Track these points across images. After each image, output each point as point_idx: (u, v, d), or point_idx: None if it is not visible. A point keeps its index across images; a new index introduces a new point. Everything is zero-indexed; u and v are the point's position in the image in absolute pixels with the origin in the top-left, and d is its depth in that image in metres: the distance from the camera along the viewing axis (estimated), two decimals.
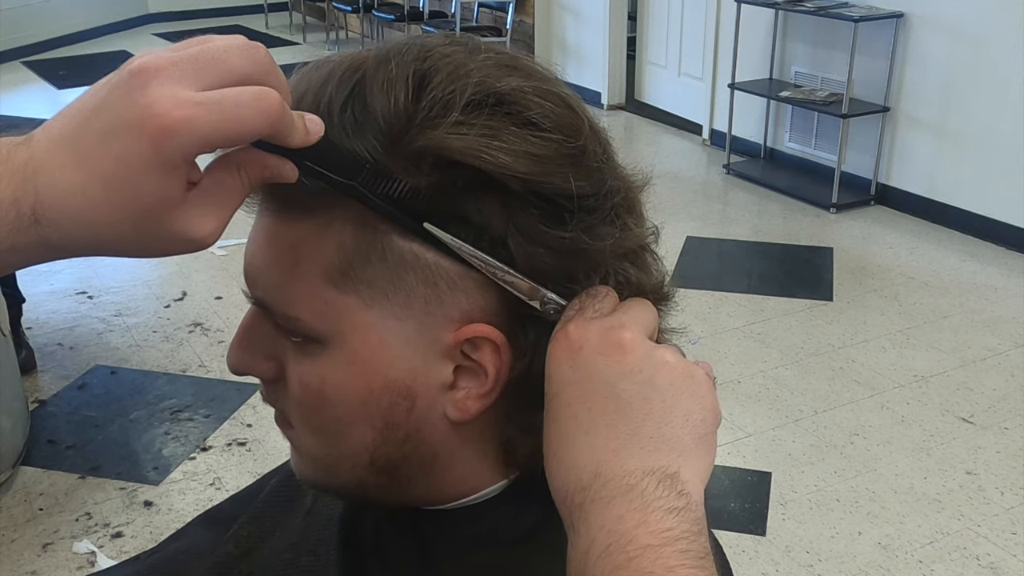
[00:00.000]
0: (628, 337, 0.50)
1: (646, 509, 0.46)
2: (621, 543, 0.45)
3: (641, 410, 0.49)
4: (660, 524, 0.46)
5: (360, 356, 0.52)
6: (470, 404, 0.54)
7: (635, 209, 0.56)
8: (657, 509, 0.46)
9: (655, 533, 0.45)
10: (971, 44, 4.14)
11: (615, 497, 0.47)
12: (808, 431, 2.88)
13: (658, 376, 0.50)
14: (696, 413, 0.50)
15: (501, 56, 0.54)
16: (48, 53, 8.14)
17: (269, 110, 0.43)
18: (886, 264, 4.05)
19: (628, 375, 0.49)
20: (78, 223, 0.42)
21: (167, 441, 2.85)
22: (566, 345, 0.50)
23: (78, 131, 0.42)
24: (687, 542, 0.46)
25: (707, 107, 5.60)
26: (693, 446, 0.49)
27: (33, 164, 0.42)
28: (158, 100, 0.41)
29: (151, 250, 0.44)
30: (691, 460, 0.49)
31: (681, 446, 0.49)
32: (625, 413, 0.49)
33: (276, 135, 0.44)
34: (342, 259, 0.51)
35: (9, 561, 2.37)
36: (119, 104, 0.41)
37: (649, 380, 0.49)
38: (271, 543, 0.67)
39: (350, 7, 7.84)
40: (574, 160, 0.52)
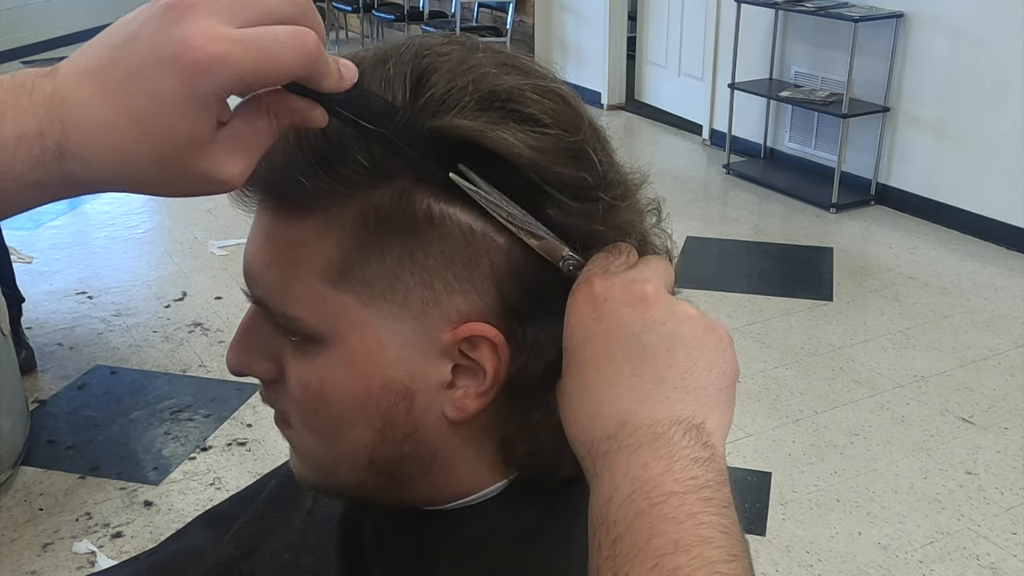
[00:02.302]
0: (651, 290, 0.50)
1: (672, 458, 0.46)
2: (645, 490, 0.45)
3: (666, 360, 0.49)
4: (685, 472, 0.46)
5: (358, 356, 0.52)
6: (468, 403, 0.54)
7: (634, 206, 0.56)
8: (683, 458, 0.46)
9: (680, 481, 0.46)
10: (971, 44, 4.14)
11: (641, 445, 0.47)
12: (808, 431, 2.88)
13: (682, 328, 0.50)
14: (719, 365, 0.50)
15: (500, 55, 0.54)
16: (48, 53, 8.13)
17: (306, 50, 0.42)
18: (886, 264, 4.05)
19: (653, 326, 0.49)
20: (106, 157, 0.41)
21: (167, 441, 2.85)
22: (590, 297, 0.51)
23: (108, 64, 0.41)
24: (711, 491, 0.46)
25: (707, 107, 5.60)
26: (716, 397, 0.50)
27: (60, 96, 0.41)
28: (194, 34, 0.39)
29: (176, 188, 0.43)
30: (714, 411, 0.49)
31: (705, 396, 0.49)
32: (650, 362, 0.49)
33: (311, 77, 0.43)
34: (341, 259, 0.51)
35: (9, 561, 2.37)
36: (153, 37, 0.40)
37: (673, 331, 0.50)
38: (271, 544, 0.67)
39: (350, 7, 7.84)
40: (574, 154, 0.52)
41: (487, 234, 0.51)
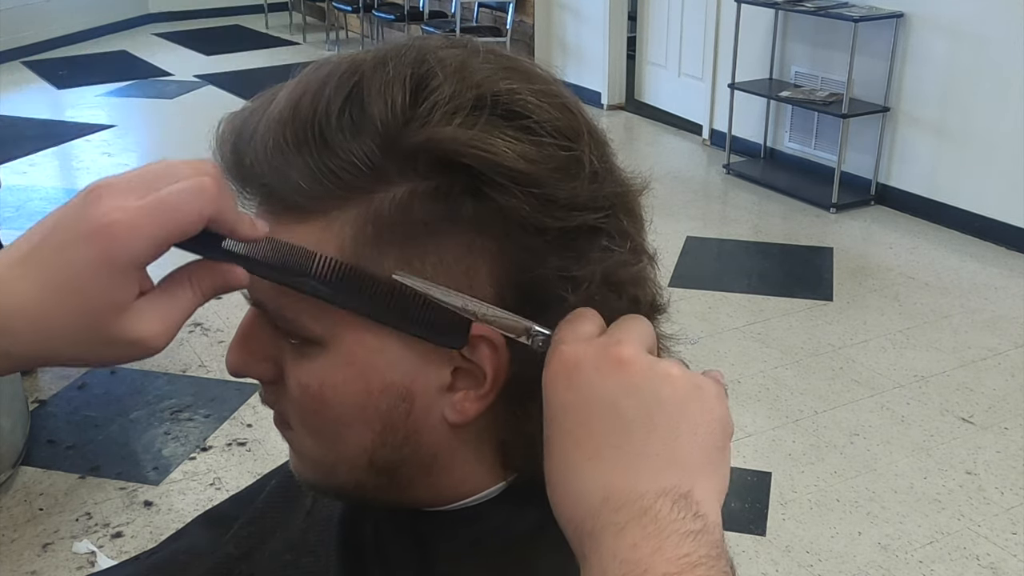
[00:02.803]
0: (628, 352, 0.48)
1: (661, 535, 0.44)
2: (636, 572, 0.43)
3: (645, 427, 0.46)
4: (677, 550, 0.43)
5: (358, 358, 0.52)
6: (468, 406, 0.53)
7: (634, 212, 0.56)
8: (673, 533, 0.44)
9: (672, 560, 0.43)
10: (971, 44, 4.14)
11: (628, 523, 0.44)
12: (808, 431, 2.88)
13: (662, 390, 0.47)
14: (703, 426, 0.47)
15: (501, 59, 0.54)
16: (48, 53, 8.13)
17: (204, 190, 0.46)
18: (886, 264, 4.05)
19: (630, 391, 0.47)
20: (32, 329, 0.45)
21: (167, 441, 2.85)
22: (561, 367, 0.48)
23: (37, 245, 0.46)
24: (705, 568, 0.43)
25: (707, 107, 5.60)
26: (703, 461, 0.47)
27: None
28: (108, 211, 0.44)
29: (102, 354, 0.47)
30: (703, 477, 0.46)
31: (691, 462, 0.46)
32: (630, 432, 0.46)
33: (219, 219, 0.47)
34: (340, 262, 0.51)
35: (9, 561, 2.37)
36: (73, 219, 0.45)
37: (653, 395, 0.47)
38: (271, 544, 0.67)
39: (350, 7, 7.84)
40: (568, 167, 0.51)
41: (485, 240, 0.51)
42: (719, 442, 0.48)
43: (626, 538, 0.44)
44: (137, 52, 8.30)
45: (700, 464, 0.47)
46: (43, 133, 5.96)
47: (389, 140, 0.50)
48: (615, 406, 0.47)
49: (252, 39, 8.82)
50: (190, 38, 8.83)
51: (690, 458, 0.47)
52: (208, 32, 9.17)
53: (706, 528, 0.45)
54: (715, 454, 0.48)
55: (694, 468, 0.46)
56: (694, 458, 0.47)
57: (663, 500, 0.45)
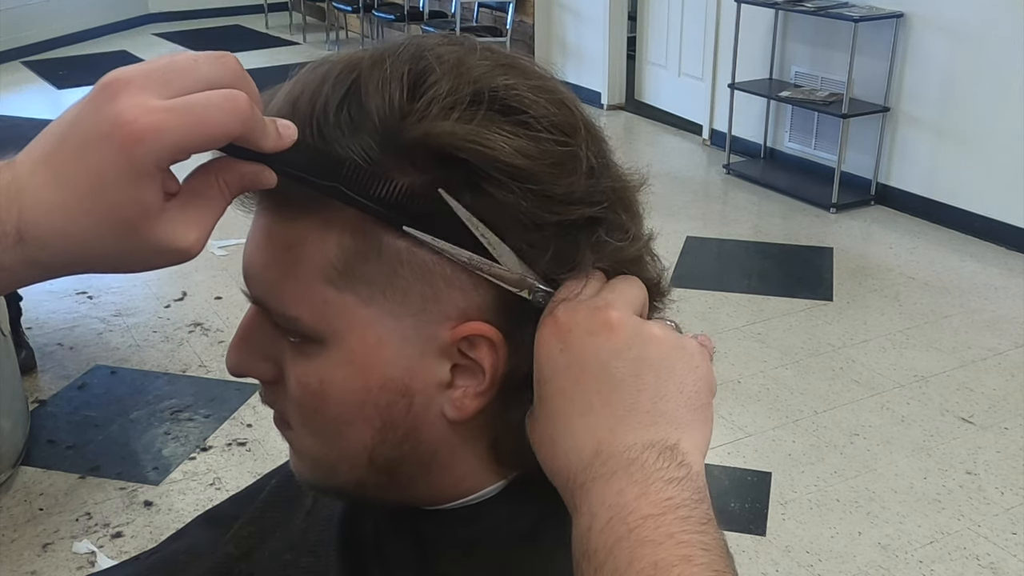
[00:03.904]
0: (615, 316, 0.50)
1: (646, 481, 0.47)
2: (622, 515, 0.46)
3: (634, 386, 0.49)
4: (660, 494, 0.46)
5: (358, 355, 0.53)
6: (467, 403, 0.54)
7: (632, 207, 0.56)
8: (657, 480, 0.47)
9: (655, 503, 0.46)
10: (971, 44, 4.14)
11: (616, 472, 0.47)
12: (808, 431, 2.88)
13: (648, 350, 0.50)
14: (690, 384, 0.50)
15: (498, 55, 0.54)
16: (48, 53, 8.13)
17: (238, 110, 0.43)
18: (886, 264, 4.05)
19: (618, 352, 0.50)
20: (62, 238, 0.43)
21: (167, 441, 2.85)
22: (555, 329, 0.51)
23: (56, 149, 0.43)
24: (688, 509, 0.46)
25: (707, 107, 5.60)
26: (690, 417, 0.50)
27: (16, 185, 0.43)
28: (127, 109, 0.41)
29: (136, 262, 0.45)
30: (689, 431, 0.49)
31: (678, 418, 0.49)
32: (619, 390, 0.49)
33: (247, 136, 0.44)
34: (340, 257, 0.51)
35: (9, 561, 2.37)
36: (91, 118, 0.42)
37: (639, 355, 0.50)
38: (271, 543, 0.67)
39: (350, 7, 7.84)
40: (565, 163, 0.51)
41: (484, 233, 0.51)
42: (703, 399, 0.51)
43: (614, 485, 0.47)
44: (137, 52, 8.30)
45: (686, 419, 0.50)
46: None
47: (387, 136, 0.50)
48: (605, 366, 0.49)
49: (252, 39, 8.82)
50: (190, 38, 8.83)
51: (676, 413, 0.49)
52: (208, 32, 9.17)
53: (689, 476, 0.48)
54: (699, 410, 0.50)
55: (680, 423, 0.49)
56: (680, 414, 0.50)
57: (650, 451, 0.48)
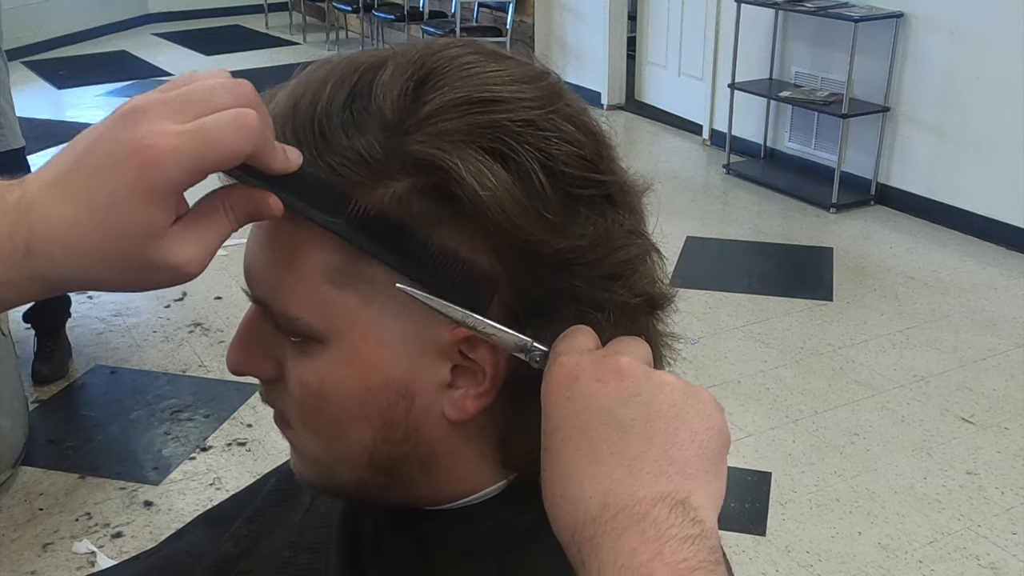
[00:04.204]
0: (624, 361, 0.49)
1: (660, 540, 0.44)
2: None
3: (644, 434, 0.47)
4: (675, 555, 0.43)
5: (359, 354, 0.52)
6: (468, 404, 0.54)
7: (635, 210, 0.56)
8: (672, 539, 0.44)
9: (671, 565, 0.43)
10: (971, 44, 4.14)
11: (627, 528, 0.44)
12: (808, 431, 2.88)
13: (659, 397, 0.48)
14: (701, 433, 0.48)
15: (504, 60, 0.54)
16: (48, 53, 8.13)
17: (248, 127, 0.44)
18: (886, 264, 4.05)
19: (628, 399, 0.48)
20: (69, 253, 0.44)
21: (167, 441, 2.85)
22: (561, 377, 0.49)
23: (71, 169, 0.44)
24: (704, 572, 0.43)
25: (707, 107, 5.60)
26: (702, 468, 0.47)
27: (26, 201, 0.44)
28: (146, 134, 0.43)
29: (137, 280, 0.46)
30: (701, 483, 0.47)
31: (689, 469, 0.47)
32: (628, 438, 0.47)
33: (257, 154, 0.45)
34: (341, 257, 0.51)
35: (9, 561, 2.37)
36: (111, 142, 0.44)
37: (650, 402, 0.48)
38: (270, 542, 0.67)
39: (350, 7, 7.84)
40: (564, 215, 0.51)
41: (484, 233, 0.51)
42: (717, 450, 0.48)
43: (625, 543, 0.44)
44: (137, 52, 8.30)
45: (697, 471, 0.47)
46: (43, 133, 5.96)
47: (389, 137, 0.50)
48: (614, 413, 0.47)
49: (252, 39, 8.82)
50: (190, 38, 8.83)
51: (688, 465, 0.47)
52: (208, 32, 9.17)
53: (704, 533, 0.45)
54: (712, 462, 0.48)
55: (691, 474, 0.47)
56: (691, 465, 0.47)
57: (660, 505, 0.45)
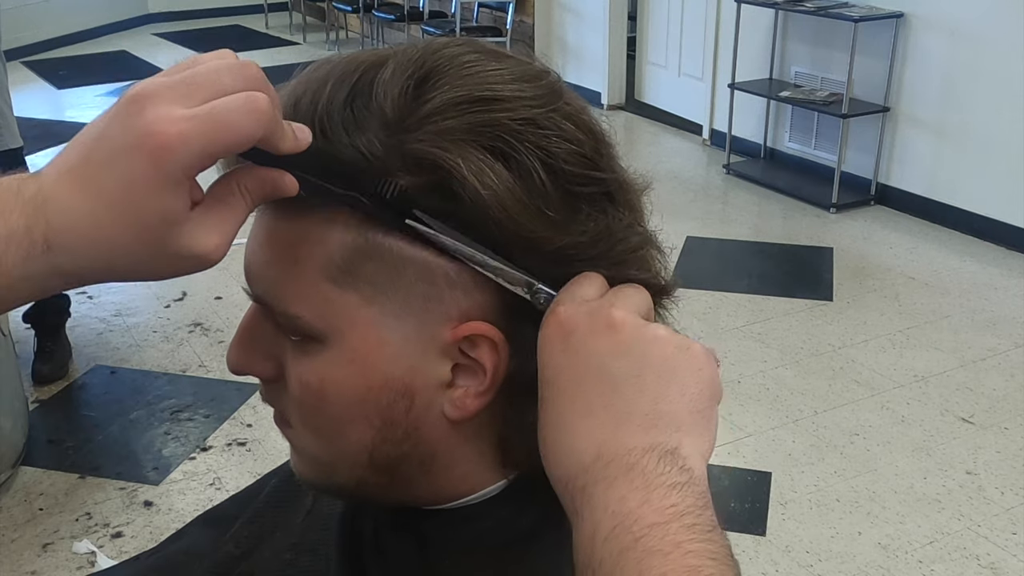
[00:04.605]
0: (618, 315, 0.50)
1: (648, 487, 0.46)
2: (626, 524, 0.45)
3: (635, 387, 0.48)
4: (664, 501, 0.45)
5: (359, 354, 0.53)
6: (468, 403, 0.54)
7: (635, 208, 0.56)
8: (660, 486, 0.46)
9: (659, 510, 0.45)
10: (971, 44, 4.14)
11: (617, 477, 0.46)
12: (808, 431, 2.88)
13: (651, 351, 0.49)
14: (692, 387, 0.49)
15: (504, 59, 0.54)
16: (48, 53, 8.13)
17: (259, 110, 0.44)
18: (886, 264, 4.05)
19: (620, 353, 0.49)
20: (88, 245, 0.44)
21: (167, 441, 2.85)
22: (557, 330, 0.50)
23: (83, 160, 0.44)
24: (693, 516, 0.45)
25: (707, 107, 5.60)
26: (691, 420, 0.49)
27: (43, 194, 0.44)
28: (155, 120, 0.43)
29: (160, 269, 0.46)
30: (690, 435, 0.48)
31: (679, 421, 0.48)
32: (620, 391, 0.48)
33: (268, 137, 0.45)
34: (343, 256, 0.51)
35: (9, 561, 2.37)
36: (119, 130, 0.43)
37: (642, 356, 0.49)
38: (271, 543, 0.67)
39: (350, 7, 7.84)
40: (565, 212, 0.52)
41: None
42: (707, 403, 0.50)
43: (615, 491, 0.46)
44: (137, 52, 8.30)
45: (687, 423, 0.48)
46: (43, 133, 5.96)
47: (390, 135, 0.50)
48: (606, 367, 0.49)
49: (252, 39, 8.81)
50: (190, 38, 8.82)
51: (677, 417, 0.48)
52: (208, 32, 9.16)
53: (691, 480, 0.46)
54: (702, 414, 0.49)
55: (681, 426, 0.48)
56: (681, 417, 0.48)
57: (649, 455, 0.47)
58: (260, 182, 0.47)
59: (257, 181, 0.47)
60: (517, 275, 0.51)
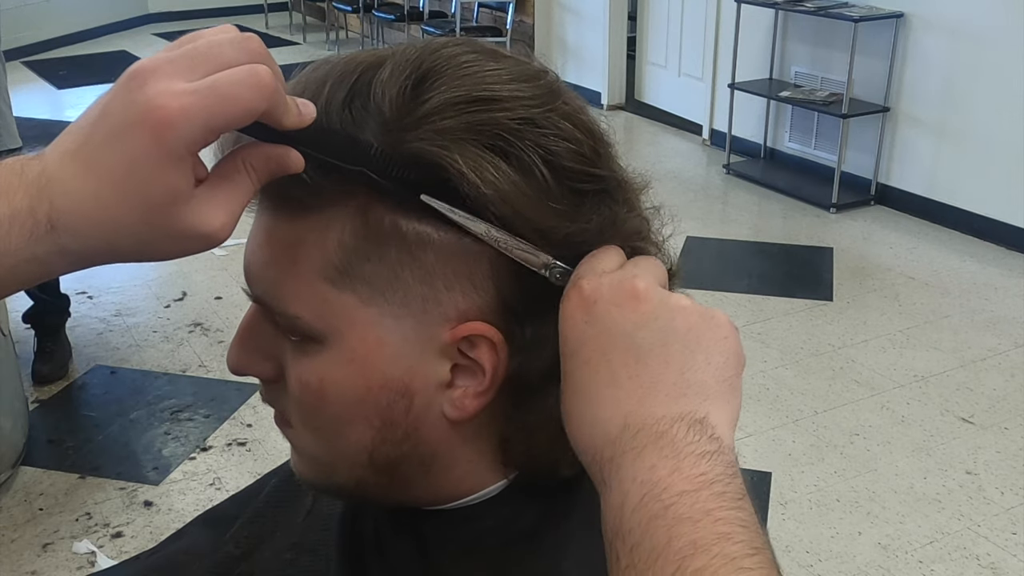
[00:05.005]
0: (642, 286, 0.49)
1: (678, 456, 0.45)
2: (655, 492, 0.44)
3: (661, 357, 0.48)
4: (694, 469, 0.45)
5: (358, 354, 0.52)
6: (468, 403, 0.54)
7: (635, 207, 0.57)
8: (689, 455, 0.45)
9: (689, 478, 0.45)
10: (971, 44, 4.14)
11: (645, 447, 0.46)
12: (808, 431, 2.88)
13: (676, 321, 0.49)
14: (717, 355, 0.49)
15: (503, 59, 0.54)
16: (48, 53, 8.13)
17: (262, 83, 0.43)
18: (886, 264, 4.05)
19: (645, 323, 0.49)
20: (93, 225, 0.43)
21: (167, 441, 2.85)
22: (580, 301, 0.50)
23: (85, 139, 0.44)
24: (722, 484, 0.45)
25: (707, 107, 5.60)
26: (718, 389, 0.49)
27: (46, 175, 0.43)
28: (156, 95, 0.42)
29: (164, 248, 0.45)
30: (717, 403, 0.48)
31: (706, 390, 0.48)
32: (646, 361, 0.48)
33: (272, 111, 0.44)
34: (341, 257, 0.51)
35: (9, 561, 2.37)
36: (120, 107, 0.43)
37: (667, 326, 0.49)
38: (271, 543, 0.67)
39: (350, 7, 7.84)
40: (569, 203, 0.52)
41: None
42: (733, 371, 0.50)
43: (645, 460, 0.46)
44: (137, 52, 8.29)
45: (714, 391, 0.49)
46: (43, 133, 5.95)
47: (388, 135, 0.50)
48: (632, 338, 0.48)
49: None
50: None
51: (704, 385, 0.48)
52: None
53: (720, 449, 0.46)
54: (729, 383, 0.50)
55: (708, 395, 0.48)
56: (708, 385, 0.48)
57: (679, 425, 0.47)
58: (266, 159, 0.47)
59: (263, 158, 0.47)
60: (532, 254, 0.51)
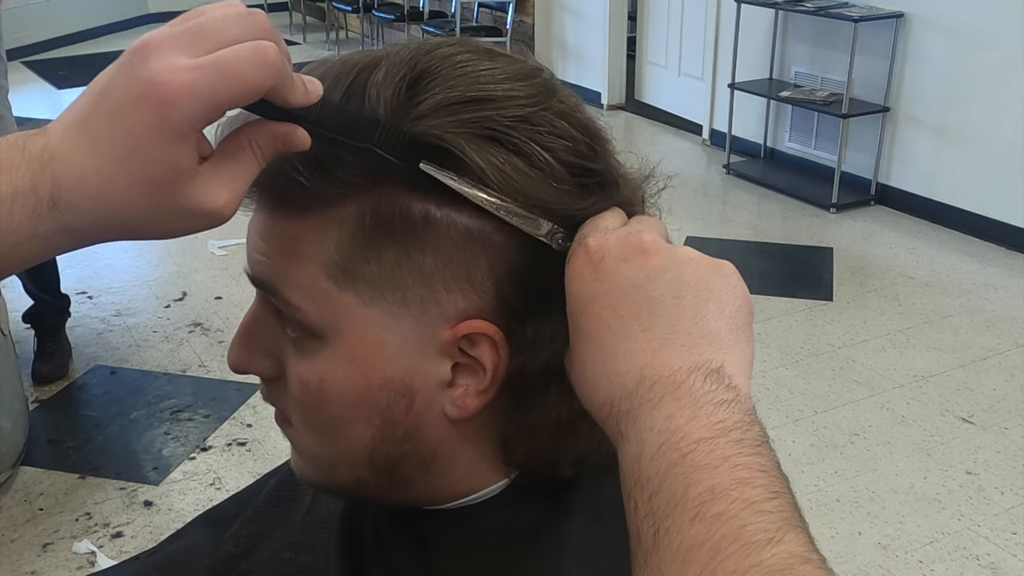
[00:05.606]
0: (648, 239, 0.50)
1: (696, 405, 0.45)
2: (673, 440, 0.44)
3: (674, 308, 0.48)
4: (711, 417, 0.45)
5: (358, 354, 0.53)
6: (469, 402, 0.54)
7: (634, 203, 0.57)
8: (707, 403, 0.45)
9: (707, 426, 0.44)
10: (971, 44, 4.14)
11: (663, 397, 0.46)
12: (808, 431, 2.88)
13: (686, 272, 0.49)
14: (729, 305, 0.49)
15: (498, 57, 0.54)
16: (48, 53, 8.13)
17: (268, 60, 0.43)
18: (886, 264, 4.05)
19: (656, 275, 0.49)
20: (96, 202, 0.43)
21: (167, 441, 2.85)
22: (587, 258, 0.50)
23: (88, 115, 0.43)
24: (740, 431, 0.45)
25: (707, 107, 5.60)
26: (732, 338, 0.49)
27: (49, 151, 0.43)
28: (159, 71, 0.41)
29: (168, 226, 0.45)
30: (732, 352, 0.48)
31: (720, 339, 0.48)
32: (659, 313, 0.48)
33: (277, 88, 0.44)
34: (341, 257, 0.51)
35: (9, 561, 2.37)
36: (123, 82, 0.42)
37: (678, 277, 0.49)
38: (271, 542, 0.67)
39: (350, 7, 7.84)
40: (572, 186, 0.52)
41: (486, 234, 0.51)
42: (745, 319, 0.50)
43: (662, 410, 0.45)
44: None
45: (729, 340, 0.49)
46: None
47: (386, 136, 0.50)
48: (643, 290, 0.48)
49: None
50: None
51: (719, 335, 0.48)
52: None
53: (738, 398, 0.46)
54: (742, 331, 0.50)
55: (723, 344, 0.48)
56: (722, 334, 0.49)
57: (696, 375, 0.46)
58: (271, 136, 0.46)
59: (268, 135, 0.46)
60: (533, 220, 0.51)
